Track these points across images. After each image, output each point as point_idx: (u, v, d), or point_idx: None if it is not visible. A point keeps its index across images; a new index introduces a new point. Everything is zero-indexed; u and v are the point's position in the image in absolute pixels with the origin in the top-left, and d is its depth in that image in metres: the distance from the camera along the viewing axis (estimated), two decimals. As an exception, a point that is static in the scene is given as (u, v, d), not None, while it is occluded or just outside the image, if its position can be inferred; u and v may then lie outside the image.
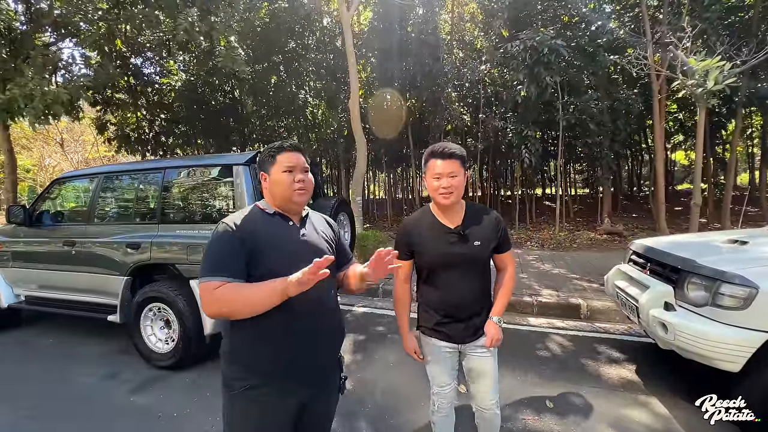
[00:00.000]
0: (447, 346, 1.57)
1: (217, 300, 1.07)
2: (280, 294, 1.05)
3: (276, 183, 1.23)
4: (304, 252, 1.20)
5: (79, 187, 3.63)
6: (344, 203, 3.56)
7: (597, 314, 3.97)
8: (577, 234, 8.42)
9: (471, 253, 1.49)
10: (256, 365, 1.16)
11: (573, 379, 2.73)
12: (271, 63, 10.88)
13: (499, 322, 1.55)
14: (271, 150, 1.27)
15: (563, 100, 8.48)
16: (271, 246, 1.17)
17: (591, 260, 6.23)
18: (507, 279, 1.61)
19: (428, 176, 1.48)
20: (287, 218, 1.27)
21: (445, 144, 1.47)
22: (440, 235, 1.50)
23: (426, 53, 9.12)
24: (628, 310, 2.68)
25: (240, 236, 1.14)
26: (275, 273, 1.11)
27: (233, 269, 1.11)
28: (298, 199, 1.24)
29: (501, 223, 1.56)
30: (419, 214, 1.61)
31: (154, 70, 12.14)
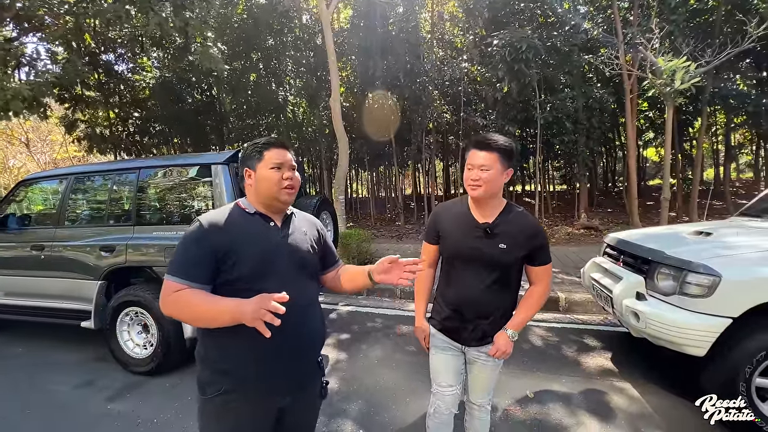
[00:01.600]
0: (451, 344, 1.53)
1: (173, 303, 1.04)
2: (230, 320, 0.99)
3: (263, 180, 1.17)
4: (284, 254, 1.17)
5: (47, 189, 3.47)
6: (327, 202, 3.54)
7: (575, 306, 4.11)
8: (555, 229, 8.66)
9: (492, 254, 1.40)
10: (228, 370, 1.11)
11: (552, 369, 2.82)
12: (250, 60, 10.68)
13: (512, 336, 1.44)
14: (257, 146, 1.21)
15: (540, 98, 8.69)
16: (246, 248, 1.11)
17: (569, 254, 6.42)
18: (535, 294, 1.48)
19: (466, 167, 1.42)
20: (268, 218, 1.21)
21: (490, 135, 1.39)
22: (466, 227, 1.45)
23: (407, 51, 9.16)
24: (603, 300, 2.78)
25: (212, 238, 1.09)
26: (248, 277, 1.08)
27: (197, 274, 1.06)
28: (285, 197, 1.19)
29: (539, 235, 1.43)
30: (453, 202, 1.57)
31: (127, 67, 11.72)
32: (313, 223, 1.37)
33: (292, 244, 1.21)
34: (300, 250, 1.22)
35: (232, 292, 1.06)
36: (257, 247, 1.13)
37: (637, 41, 5.09)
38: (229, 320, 0.99)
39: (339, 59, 10.64)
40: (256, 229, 1.17)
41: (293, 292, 1.08)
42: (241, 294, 1.03)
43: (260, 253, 1.13)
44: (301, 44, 10.63)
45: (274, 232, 1.19)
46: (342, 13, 12.37)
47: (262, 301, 0.94)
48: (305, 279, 1.23)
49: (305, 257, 1.23)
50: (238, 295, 1.03)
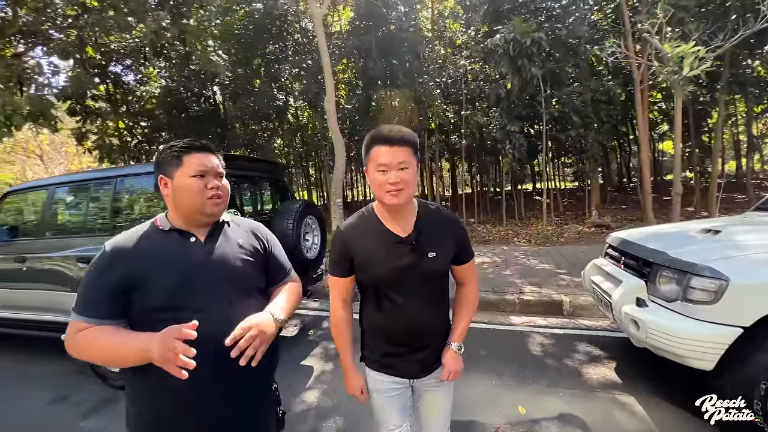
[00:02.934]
0: (397, 383, 1.28)
1: (77, 346, 0.94)
2: (140, 361, 0.88)
3: (183, 190, 1.01)
4: (208, 273, 1.02)
5: (30, 200, 3.45)
6: (311, 206, 3.41)
7: (580, 310, 3.86)
8: (565, 228, 8.34)
9: (426, 268, 1.18)
10: (150, 409, 0.99)
11: (550, 380, 2.61)
12: (251, 67, 10.73)
13: (459, 349, 1.26)
14: (174, 149, 1.04)
15: (546, 93, 8.41)
16: (156, 273, 0.97)
17: (577, 254, 6.14)
18: (468, 296, 1.32)
19: (371, 169, 1.15)
20: (187, 234, 1.05)
21: (392, 126, 1.15)
22: (387, 246, 1.19)
23: (407, 51, 9.02)
24: (604, 306, 2.57)
25: (117, 266, 0.96)
26: (162, 306, 0.95)
27: (103, 311, 0.95)
28: (212, 209, 1.04)
29: (460, 228, 1.27)
30: (359, 219, 1.27)
31: (134, 78, 11.95)
32: (252, 231, 1.20)
33: (219, 259, 1.05)
34: (230, 265, 1.06)
35: (148, 323, 0.93)
36: (170, 271, 0.98)
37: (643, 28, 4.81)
38: (139, 361, 0.88)
39: (339, 61, 10.60)
40: (170, 249, 1.02)
41: (224, 316, 0.98)
42: (156, 326, 0.89)
43: (174, 276, 0.98)
44: (300, 48, 10.62)
45: (194, 249, 1.04)
46: (343, 15, 12.34)
47: (165, 339, 0.82)
48: (241, 298, 1.05)
49: (239, 273, 1.07)
50: (154, 327, 0.89)
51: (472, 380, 2.65)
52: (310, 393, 2.63)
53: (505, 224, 9.34)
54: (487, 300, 4.19)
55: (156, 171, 1.06)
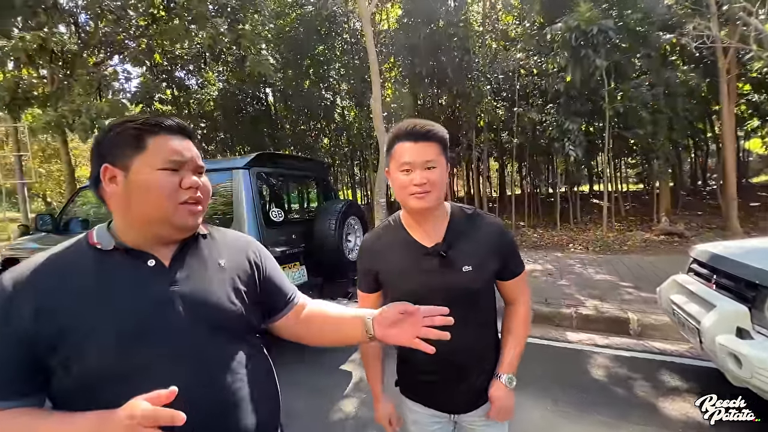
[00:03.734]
0: (435, 416, 1.11)
1: None
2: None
3: (144, 188, 0.67)
4: (172, 316, 0.68)
5: (99, 196, 3.73)
6: (354, 205, 3.33)
7: (650, 331, 3.41)
8: (629, 235, 7.57)
9: (458, 283, 1.01)
10: None
11: (618, 411, 2.28)
12: (301, 68, 11.02)
13: (509, 382, 1.06)
14: (134, 126, 0.69)
15: (610, 87, 7.68)
16: (93, 317, 0.63)
17: (644, 265, 5.50)
18: (518, 317, 1.11)
19: (393, 169, 1.00)
20: (144, 255, 0.70)
21: (418, 120, 0.99)
22: (413, 258, 1.04)
23: (456, 46, 8.71)
24: (688, 332, 2.19)
25: (23, 310, 0.61)
26: (106, 372, 0.62)
27: (4, 387, 0.61)
28: (185, 220, 0.71)
29: (505, 236, 1.07)
30: (384, 228, 1.13)
31: (196, 82, 12.85)
32: (241, 247, 0.86)
33: (190, 292, 0.71)
34: (208, 300, 0.72)
35: (82, 400, 0.61)
36: (115, 313, 0.64)
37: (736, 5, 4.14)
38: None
39: (387, 60, 10.53)
40: (115, 280, 0.67)
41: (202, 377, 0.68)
42: (96, 402, 0.59)
43: (122, 321, 0.64)
44: (348, 48, 10.71)
45: (154, 278, 0.70)
46: (391, 12, 12.27)
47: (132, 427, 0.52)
48: (227, 346, 0.74)
49: (220, 311, 0.74)
50: (92, 404, 0.59)
51: (523, 403, 2.39)
52: (347, 401, 2.54)
53: (558, 229, 8.70)
54: (540, 312, 3.85)
55: (96, 157, 0.70)
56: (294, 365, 2.95)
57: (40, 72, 7.93)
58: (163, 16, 7.98)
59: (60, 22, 7.22)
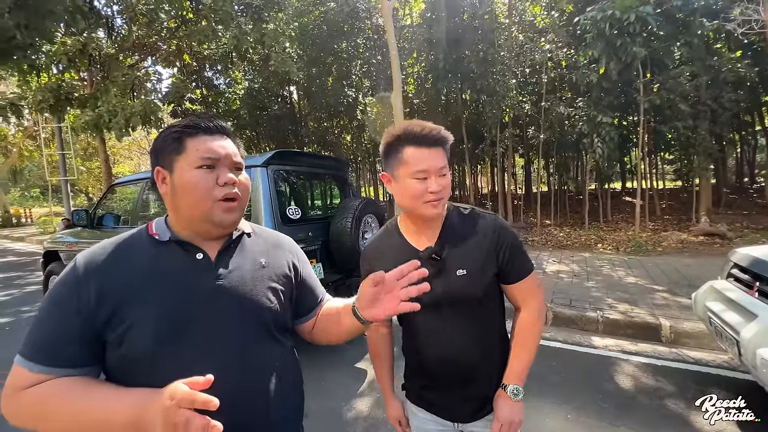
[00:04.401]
0: (438, 423, 1.07)
1: (24, 409, 0.63)
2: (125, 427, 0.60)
3: (184, 187, 0.72)
4: (218, 307, 0.73)
5: (128, 192, 3.91)
6: (371, 203, 3.31)
7: (684, 338, 3.20)
8: (664, 235, 7.15)
9: (453, 289, 0.97)
10: None
11: (643, 423, 2.15)
12: (324, 65, 11.10)
13: (515, 393, 0.99)
14: (175, 130, 0.75)
15: (645, 78, 7.24)
16: (144, 305, 0.68)
17: (680, 268, 5.18)
18: (528, 323, 1.03)
19: (402, 175, 0.95)
20: (194, 248, 0.76)
21: (424, 123, 0.94)
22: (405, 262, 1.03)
23: (480, 40, 8.49)
24: (726, 342, 2.03)
25: (91, 287, 0.67)
26: (151, 355, 0.67)
27: (66, 353, 0.65)
28: (223, 216, 0.74)
29: (505, 236, 1.00)
30: (382, 234, 1.11)
31: (224, 81, 13.23)
32: (281, 248, 0.90)
33: (233, 287, 0.76)
34: (248, 296, 0.77)
35: (130, 375, 0.67)
36: (165, 300, 0.70)
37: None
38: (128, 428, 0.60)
39: (409, 55, 10.42)
40: (168, 270, 0.73)
41: (239, 369, 0.72)
42: (144, 378, 0.64)
43: (170, 309, 0.69)
44: (370, 44, 10.68)
45: (201, 271, 0.75)
46: (414, 7, 12.12)
47: (171, 410, 0.54)
48: (264, 341, 0.78)
49: (259, 307, 0.78)
50: (139, 380, 0.65)
51: (540, 411, 2.31)
52: (362, 400, 2.54)
53: (587, 228, 8.34)
54: (563, 315, 3.70)
55: (153, 161, 0.77)
56: (309, 362, 2.98)
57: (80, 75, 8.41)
58: (192, 17, 8.24)
59: (98, 27, 7.60)
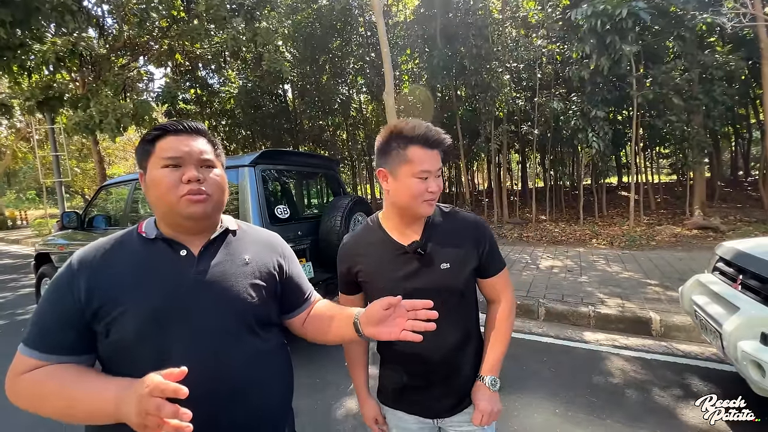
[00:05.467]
0: (418, 421, 1.10)
1: (23, 391, 0.70)
2: (112, 419, 0.64)
3: (152, 185, 0.78)
4: (199, 300, 0.77)
5: (118, 193, 3.90)
6: (361, 202, 3.31)
7: (674, 332, 3.22)
8: (658, 229, 7.17)
9: (437, 282, 1.00)
10: None
11: (630, 416, 2.17)
12: (317, 63, 11.04)
13: (492, 384, 1.03)
14: (149, 134, 0.82)
15: (638, 72, 7.25)
16: (134, 294, 0.74)
17: (673, 262, 5.21)
18: (503, 316, 1.08)
19: (405, 174, 0.96)
20: (178, 245, 0.81)
21: (428, 124, 0.97)
22: (391, 257, 1.03)
23: (474, 35, 8.46)
24: (710, 335, 2.05)
25: (83, 282, 0.74)
26: (135, 342, 0.72)
27: (61, 342, 0.72)
28: (191, 209, 0.77)
29: (484, 233, 1.06)
30: (363, 230, 1.12)
31: (217, 80, 13.14)
32: (267, 245, 0.94)
33: (213, 281, 0.80)
34: (229, 290, 0.80)
35: (120, 362, 0.73)
36: (149, 293, 0.75)
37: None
38: (108, 420, 0.65)
39: (403, 52, 10.38)
40: (153, 265, 0.78)
41: (219, 364, 0.76)
42: (124, 369, 0.70)
43: (156, 301, 0.74)
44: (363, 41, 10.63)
45: (184, 267, 0.79)
46: (407, 2, 12.06)
47: (144, 399, 0.57)
48: (243, 335, 0.82)
49: (238, 301, 0.81)
50: (122, 371, 0.70)
51: (527, 406, 2.32)
52: (353, 398, 2.54)
53: (582, 223, 8.37)
54: (555, 310, 3.72)
55: (137, 162, 0.84)
56: (305, 363, 2.99)
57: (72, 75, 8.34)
58: (184, 17, 8.18)
59: (88, 27, 7.53)
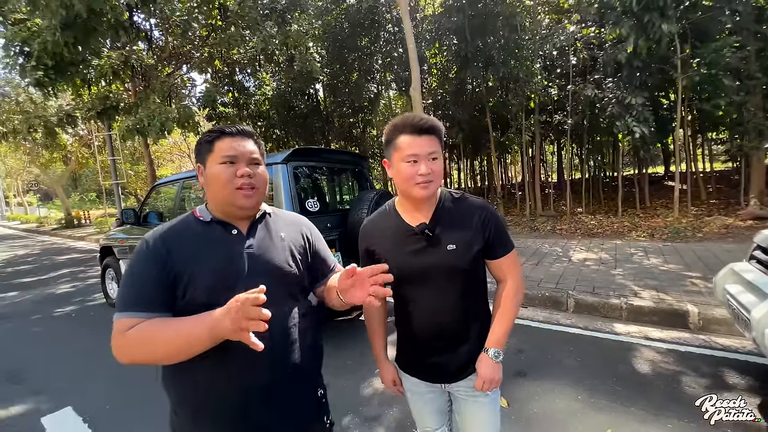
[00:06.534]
0: (429, 386, 1.23)
1: (133, 343, 0.83)
2: (210, 341, 0.81)
3: (213, 178, 0.96)
4: (248, 269, 0.95)
5: (168, 191, 4.29)
6: (386, 195, 3.43)
7: (713, 325, 3.09)
8: (707, 220, 6.72)
9: (443, 262, 1.11)
10: (195, 416, 0.93)
11: (656, 405, 2.15)
12: (346, 62, 11.26)
13: (496, 356, 1.13)
14: (208, 135, 0.99)
15: (683, 53, 6.78)
16: (199, 265, 0.91)
17: (720, 254, 4.90)
18: (509, 295, 1.17)
19: (396, 160, 1.10)
20: (230, 226, 0.99)
21: (417, 114, 1.10)
22: (401, 238, 1.15)
23: (503, 25, 8.29)
24: (742, 324, 1.99)
25: (159, 258, 0.90)
26: (205, 301, 0.88)
27: (151, 302, 0.87)
28: (241, 201, 0.96)
29: (490, 217, 1.14)
30: (379, 214, 1.25)
31: (253, 84, 13.76)
32: (296, 225, 1.13)
33: (260, 254, 0.98)
34: (274, 260, 0.99)
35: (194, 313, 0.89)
36: (213, 263, 0.93)
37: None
38: (207, 344, 0.81)
39: (431, 45, 10.34)
40: (212, 241, 0.96)
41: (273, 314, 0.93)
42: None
43: (216, 269, 0.92)
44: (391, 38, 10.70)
45: (235, 242, 0.98)
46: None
47: (240, 307, 0.74)
48: (284, 297, 0.99)
49: (283, 269, 1.00)
50: None
51: (551, 390, 2.37)
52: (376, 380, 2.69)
53: (621, 215, 7.99)
54: (584, 302, 3.67)
55: (195, 158, 1.03)
56: (336, 344, 3.19)
57: (125, 85, 9.12)
58: (221, 24, 8.67)
59: (138, 40, 8.20)
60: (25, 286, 6.53)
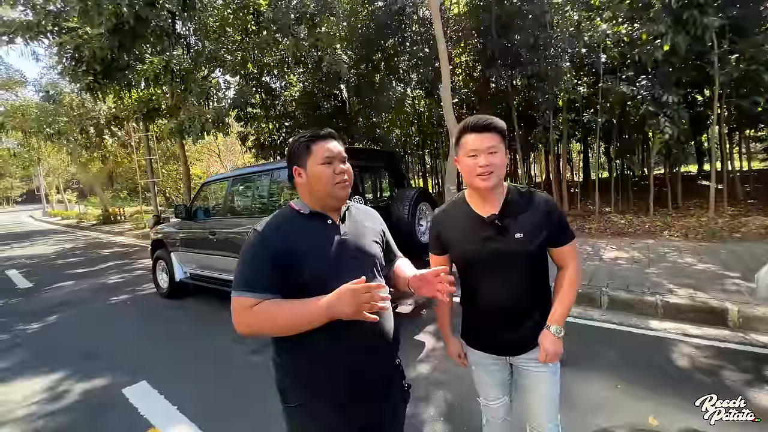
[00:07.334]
0: (494, 358, 1.38)
1: (257, 320, 1.00)
2: (327, 317, 0.96)
3: (315, 178, 1.10)
4: (348, 253, 1.11)
5: (218, 188, 4.59)
6: (425, 193, 3.59)
7: (754, 323, 3.09)
8: (745, 220, 6.54)
9: (511, 249, 1.24)
10: (306, 383, 1.09)
11: (692, 395, 2.20)
12: (372, 62, 11.44)
13: (557, 332, 1.26)
14: (303, 140, 1.13)
15: (722, 49, 6.60)
16: (308, 252, 1.06)
17: (760, 254, 4.80)
18: (568, 279, 1.31)
19: (462, 156, 1.25)
20: (326, 217, 1.15)
21: (480, 116, 1.24)
22: (472, 228, 1.29)
23: (530, 23, 8.27)
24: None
25: (273, 246, 1.04)
26: (315, 283, 1.03)
27: (268, 285, 1.02)
28: (340, 193, 1.12)
29: (554, 209, 1.27)
30: (451, 204, 1.40)
31: (280, 85, 14.15)
32: (374, 216, 1.31)
33: (355, 240, 1.15)
34: (365, 245, 1.17)
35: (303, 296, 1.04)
36: (319, 250, 1.08)
37: None
38: (323, 321, 0.97)
39: (457, 45, 10.39)
40: (315, 231, 1.12)
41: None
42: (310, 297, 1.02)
43: (323, 255, 1.08)
44: (417, 38, 10.81)
45: (334, 231, 1.14)
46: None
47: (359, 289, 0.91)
48: (375, 276, 1.16)
49: (371, 252, 1.18)
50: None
51: (590, 379, 2.47)
52: (422, 365, 2.87)
53: (652, 214, 7.85)
54: (618, 299, 3.72)
55: (289, 162, 1.17)
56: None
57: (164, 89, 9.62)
58: (254, 29, 9.02)
59: (178, 46, 8.65)
60: (78, 276, 7.05)
